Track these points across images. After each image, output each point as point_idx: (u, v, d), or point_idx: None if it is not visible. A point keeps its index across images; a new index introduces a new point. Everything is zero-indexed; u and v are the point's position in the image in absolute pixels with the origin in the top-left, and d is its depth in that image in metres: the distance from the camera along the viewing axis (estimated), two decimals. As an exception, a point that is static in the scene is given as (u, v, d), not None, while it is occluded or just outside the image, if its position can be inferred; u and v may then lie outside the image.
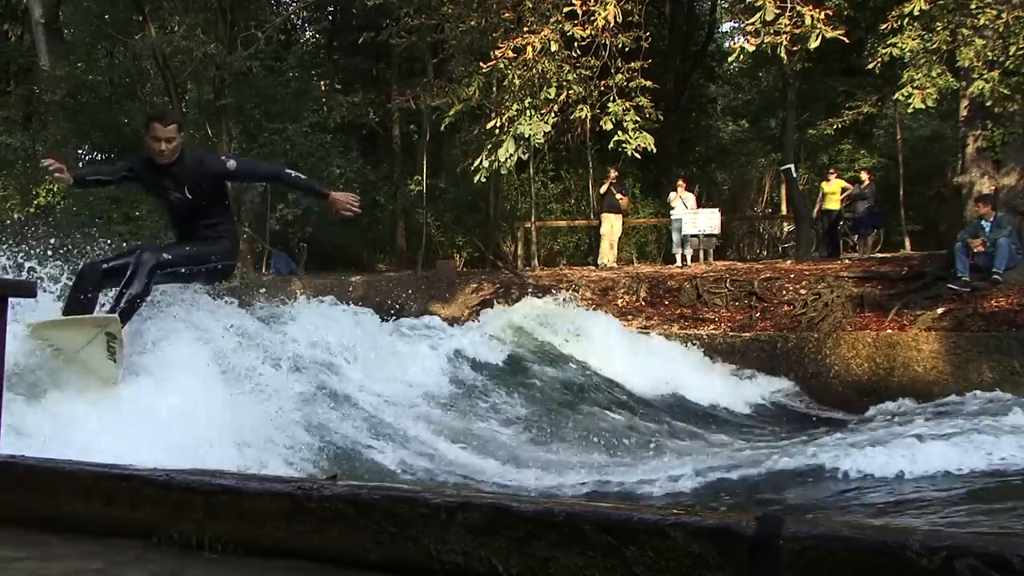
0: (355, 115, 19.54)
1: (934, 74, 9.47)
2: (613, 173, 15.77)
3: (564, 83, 9.94)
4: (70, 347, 4.26)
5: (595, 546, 1.36)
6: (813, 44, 8.88)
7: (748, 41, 9.19)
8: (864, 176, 16.07)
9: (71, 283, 4.62)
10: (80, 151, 21.24)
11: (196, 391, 4.43)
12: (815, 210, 16.09)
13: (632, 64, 10.14)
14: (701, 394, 9.45)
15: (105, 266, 4.65)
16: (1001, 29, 9.04)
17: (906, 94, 9.52)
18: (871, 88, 15.24)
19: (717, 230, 15.48)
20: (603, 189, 15.80)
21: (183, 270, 4.78)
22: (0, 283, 2.49)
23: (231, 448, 4.26)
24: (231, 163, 4.87)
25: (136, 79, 20.87)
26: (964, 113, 11.33)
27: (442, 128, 13.34)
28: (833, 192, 15.54)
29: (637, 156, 10.33)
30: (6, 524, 1.96)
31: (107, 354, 4.28)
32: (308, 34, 24.52)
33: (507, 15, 10.34)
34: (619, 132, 9.86)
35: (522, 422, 7.23)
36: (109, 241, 17.34)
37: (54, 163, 4.57)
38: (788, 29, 8.71)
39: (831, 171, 16.55)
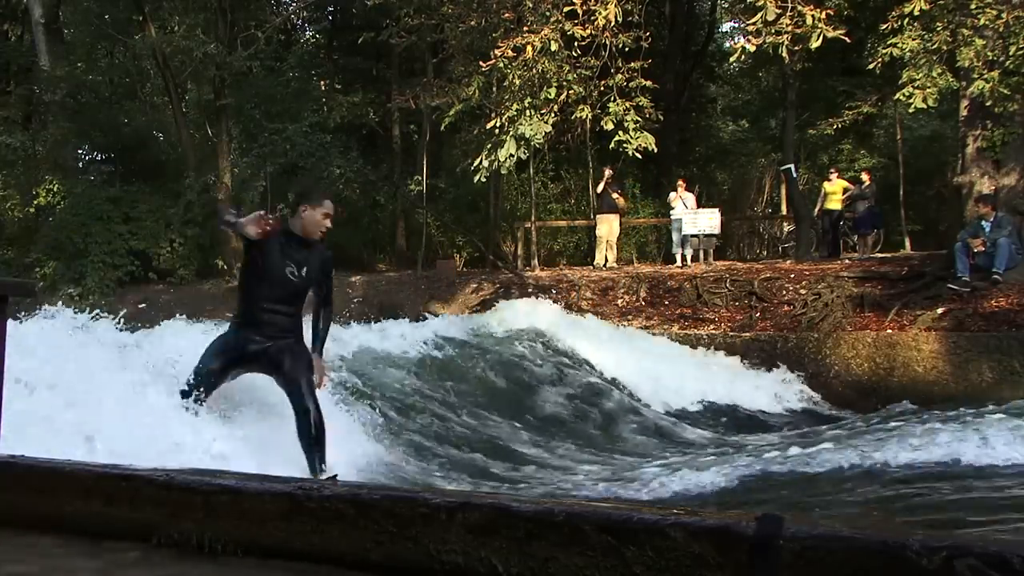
0: (355, 115, 19.53)
1: (934, 74, 9.47)
2: (608, 172, 15.72)
3: (564, 83, 9.94)
4: None
5: (595, 546, 1.36)
6: (814, 44, 8.87)
7: (749, 41, 9.19)
8: (865, 177, 16.06)
9: None
10: (80, 151, 21.26)
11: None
12: (816, 210, 16.08)
13: (632, 64, 10.14)
14: (703, 393, 9.45)
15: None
16: (1001, 29, 9.04)
17: (907, 94, 9.52)
18: (871, 88, 15.23)
19: (717, 230, 15.48)
20: (599, 189, 15.77)
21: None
22: (0, 283, 2.48)
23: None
24: (330, 266, 4.74)
25: (136, 79, 20.90)
26: (964, 113, 11.33)
27: (442, 128, 13.33)
28: (835, 192, 15.53)
29: (638, 156, 10.32)
30: (6, 524, 1.96)
31: None
32: (308, 34, 24.52)
33: (507, 15, 10.34)
34: (620, 132, 9.85)
35: (525, 422, 7.24)
36: (109, 241, 17.29)
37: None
38: (789, 29, 8.71)
39: (832, 171, 16.54)
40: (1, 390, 2.39)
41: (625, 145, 9.87)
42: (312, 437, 4.21)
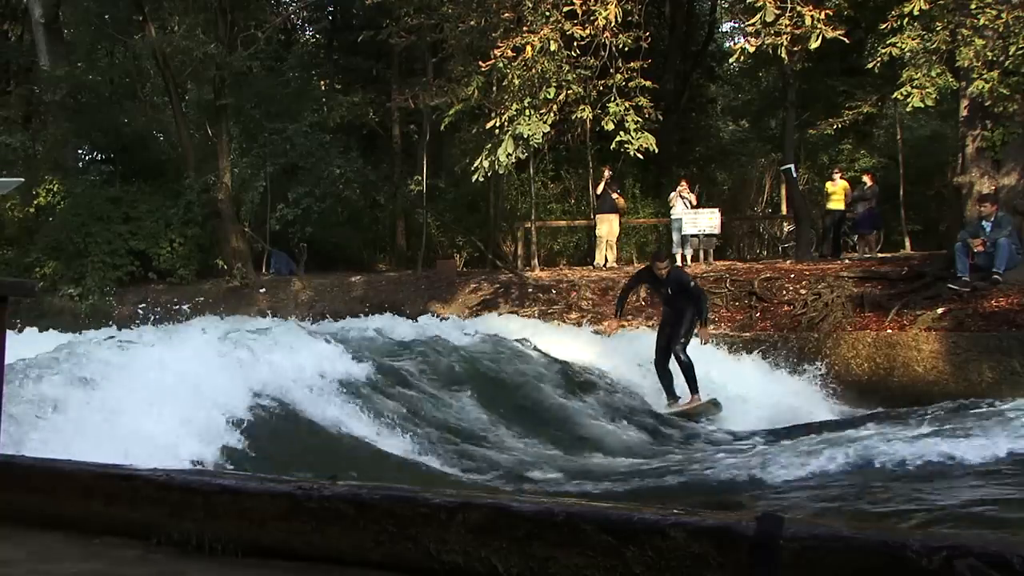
0: (355, 115, 19.52)
1: (934, 74, 9.47)
2: (607, 172, 15.74)
3: (564, 83, 9.93)
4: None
5: (595, 546, 1.36)
6: (814, 44, 8.87)
7: (749, 42, 9.19)
8: (867, 179, 16.06)
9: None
10: (80, 151, 21.26)
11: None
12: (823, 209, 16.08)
13: (632, 64, 10.14)
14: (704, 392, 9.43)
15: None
16: (1001, 29, 9.04)
17: (905, 93, 9.52)
18: (871, 88, 15.24)
19: (717, 230, 15.48)
20: (599, 190, 15.77)
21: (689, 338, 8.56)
22: (0, 283, 2.49)
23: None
24: (692, 284, 8.59)
25: (136, 79, 20.89)
26: (964, 113, 11.33)
27: (442, 128, 13.34)
28: (836, 192, 15.53)
29: (640, 156, 10.33)
30: (6, 524, 1.96)
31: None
32: (308, 34, 24.51)
33: (507, 15, 10.33)
34: (621, 132, 9.86)
35: (528, 423, 7.23)
36: (109, 241, 17.29)
37: (613, 329, 9.46)
38: (788, 29, 8.72)
39: (835, 171, 16.53)
40: (1, 390, 2.39)
41: (626, 145, 9.87)
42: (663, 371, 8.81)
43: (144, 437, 4.23)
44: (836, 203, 15.51)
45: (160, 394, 4.69)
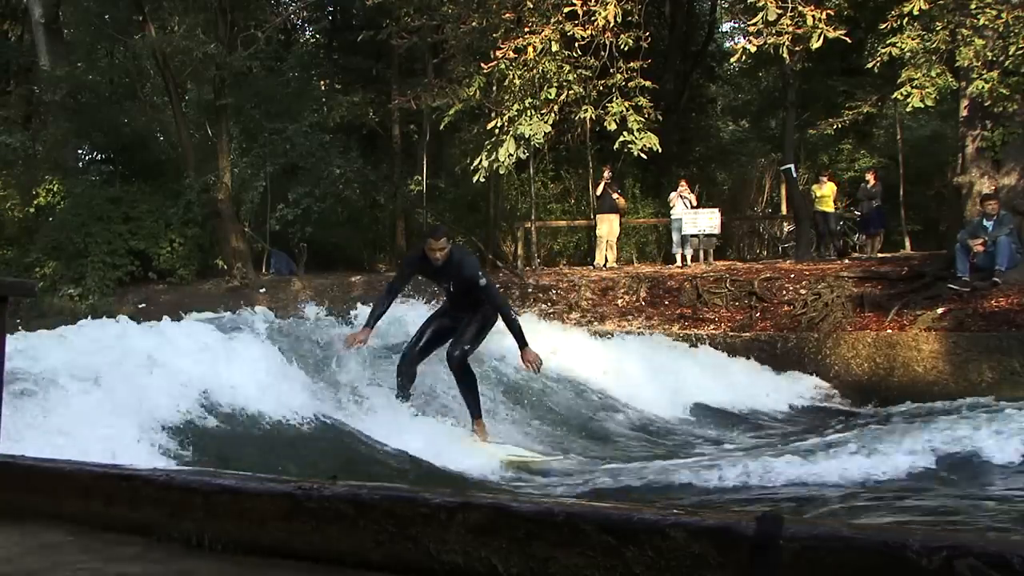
0: (355, 115, 19.51)
1: (933, 74, 9.47)
2: (607, 173, 15.75)
3: (564, 83, 9.94)
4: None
5: (595, 546, 1.36)
6: (815, 44, 8.88)
7: (750, 41, 9.19)
8: (870, 177, 16.06)
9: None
10: (80, 151, 21.25)
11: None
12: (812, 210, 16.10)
13: (632, 64, 10.14)
14: (705, 391, 9.44)
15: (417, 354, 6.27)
16: (1001, 29, 9.04)
17: (905, 93, 9.52)
18: (871, 88, 15.23)
19: (717, 230, 15.48)
20: (599, 190, 15.78)
21: (477, 345, 6.27)
22: (0, 283, 2.49)
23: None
24: (482, 281, 5.95)
25: (136, 79, 20.88)
26: (964, 113, 11.34)
27: (442, 128, 13.34)
28: (825, 194, 15.54)
29: (643, 156, 10.33)
30: (6, 523, 1.96)
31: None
32: (308, 34, 24.50)
33: (507, 15, 10.33)
34: (624, 132, 9.86)
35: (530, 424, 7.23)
36: (109, 241, 17.26)
37: (354, 343, 6.01)
38: (790, 29, 8.72)
39: (824, 174, 16.54)
40: (1, 389, 2.39)
41: (630, 145, 9.87)
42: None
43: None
44: (826, 205, 15.53)
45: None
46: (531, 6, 9.96)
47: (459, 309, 6.17)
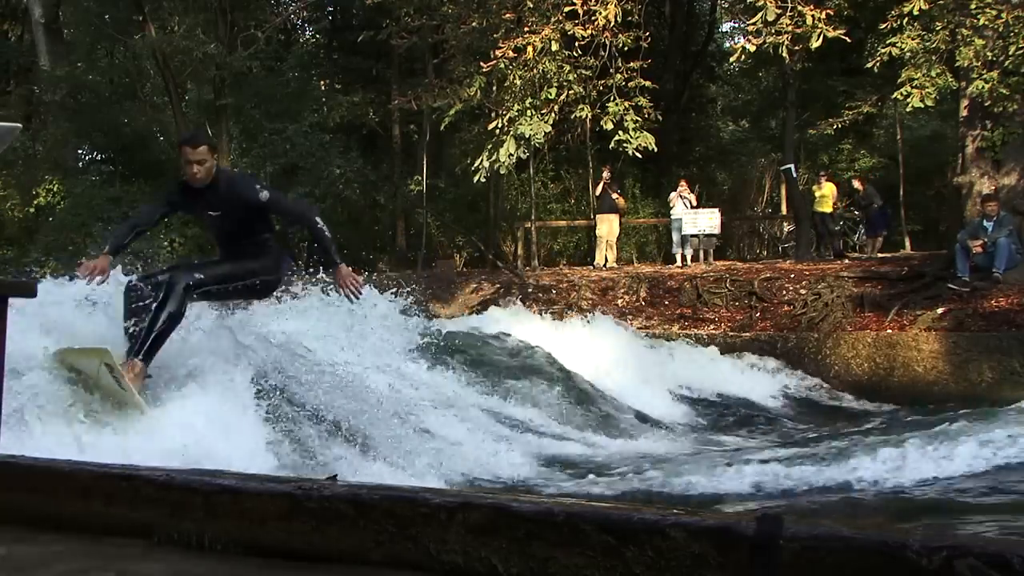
0: (355, 115, 19.52)
1: (933, 74, 9.48)
2: (607, 173, 15.75)
3: (564, 83, 9.94)
4: (89, 374, 4.24)
5: (595, 546, 1.36)
6: (815, 44, 8.89)
7: (750, 41, 9.19)
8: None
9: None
10: (80, 151, 21.25)
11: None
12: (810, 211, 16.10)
13: (632, 64, 10.15)
14: (704, 390, 9.46)
15: (146, 285, 4.57)
16: (1001, 29, 9.05)
17: (905, 93, 9.52)
18: (871, 88, 15.24)
19: (717, 230, 15.48)
20: (599, 191, 15.78)
21: (215, 288, 4.67)
22: (0, 283, 2.48)
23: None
24: (264, 194, 4.66)
25: (136, 79, 20.88)
26: (964, 113, 11.33)
27: (442, 128, 13.34)
28: (825, 195, 15.54)
29: (638, 156, 10.33)
30: (6, 524, 1.96)
31: (116, 383, 4.17)
32: (308, 34, 24.51)
33: (507, 15, 10.34)
34: (620, 132, 9.86)
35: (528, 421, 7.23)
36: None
37: (91, 272, 4.40)
38: (789, 29, 8.72)
39: (822, 175, 16.55)
40: (1, 389, 2.39)
41: (625, 145, 9.88)
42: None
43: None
44: (825, 206, 15.53)
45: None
46: (531, 6, 9.97)
47: (234, 258, 4.77)
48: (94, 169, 20.84)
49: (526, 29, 9.82)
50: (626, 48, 10.21)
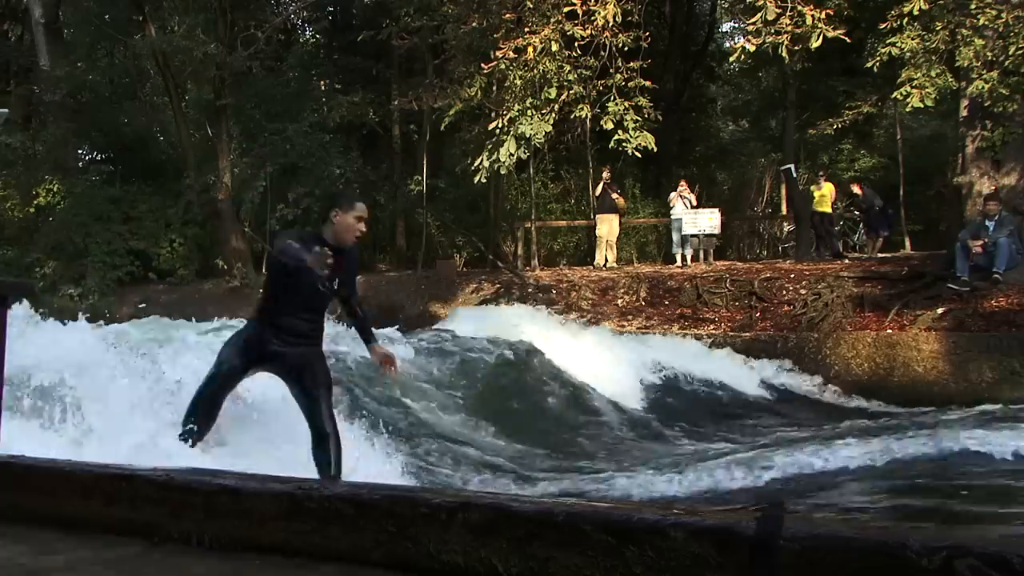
0: (355, 115, 19.50)
1: (933, 74, 9.48)
2: (607, 173, 15.75)
3: (564, 83, 9.95)
4: None
5: (595, 546, 1.36)
6: (814, 44, 8.88)
7: (749, 41, 9.19)
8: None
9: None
10: (80, 151, 21.25)
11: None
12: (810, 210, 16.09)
13: (632, 64, 10.15)
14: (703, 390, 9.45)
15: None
16: (1001, 29, 9.05)
17: (905, 93, 9.53)
18: (871, 88, 15.24)
19: (717, 230, 15.48)
20: (598, 191, 15.78)
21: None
22: (0, 283, 2.49)
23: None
24: (356, 265, 4.43)
25: (136, 79, 20.89)
26: (964, 113, 11.33)
27: (442, 128, 13.34)
28: (823, 196, 15.54)
29: (638, 155, 10.34)
30: (6, 523, 1.96)
31: None
32: (308, 34, 24.50)
33: (508, 15, 10.34)
34: (619, 131, 9.86)
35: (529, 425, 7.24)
36: (109, 241, 17.21)
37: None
38: (789, 29, 8.72)
39: (821, 175, 16.55)
40: (1, 389, 2.39)
41: (624, 144, 9.88)
42: (327, 464, 3.86)
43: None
44: (824, 206, 15.53)
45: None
46: (531, 6, 9.97)
47: (298, 331, 4.16)
48: (94, 169, 20.84)
49: (526, 29, 9.83)
50: (626, 48, 10.21)
